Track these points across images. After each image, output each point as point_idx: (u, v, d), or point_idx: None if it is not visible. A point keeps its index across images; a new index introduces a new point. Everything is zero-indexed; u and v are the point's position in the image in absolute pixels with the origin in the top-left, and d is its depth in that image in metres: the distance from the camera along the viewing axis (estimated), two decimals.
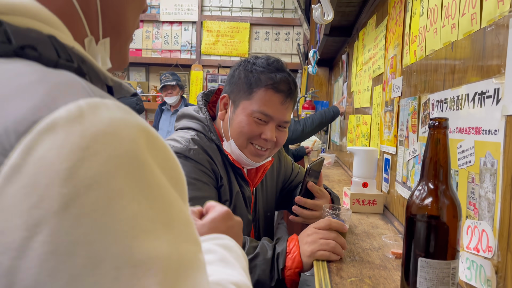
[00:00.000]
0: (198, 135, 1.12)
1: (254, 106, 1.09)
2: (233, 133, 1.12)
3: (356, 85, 2.41)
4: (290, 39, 4.58)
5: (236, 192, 1.15)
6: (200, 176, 1.06)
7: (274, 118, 1.10)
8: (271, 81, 1.09)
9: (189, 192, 1.05)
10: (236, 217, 0.70)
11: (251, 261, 0.97)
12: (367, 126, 1.99)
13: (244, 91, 1.10)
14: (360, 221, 1.42)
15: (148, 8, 4.67)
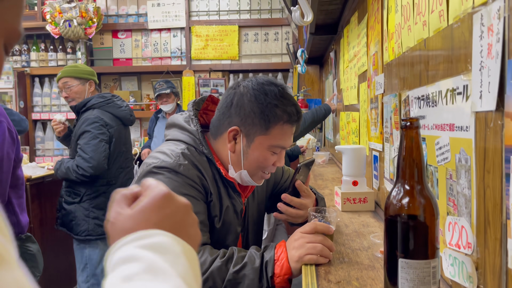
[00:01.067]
0: (189, 149, 1.12)
1: (271, 141, 1.10)
2: (249, 166, 1.13)
3: (344, 82, 2.41)
4: (279, 39, 4.58)
5: (226, 207, 1.15)
6: (190, 191, 1.06)
7: (286, 148, 1.16)
8: (287, 116, 1.10)
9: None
10: (181, 198, 0.52)
11: (239, 271, 0.97)
12: (356, 123, 1.99)
13: (260, 125, 1.09)
14: (351, 220, 1.42)
15: (136, 17, 4.69)
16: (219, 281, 0.96)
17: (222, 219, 1.14)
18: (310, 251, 0.98)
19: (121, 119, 2.56)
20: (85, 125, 2.39)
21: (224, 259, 0.98)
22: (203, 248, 1.00)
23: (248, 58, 4.61)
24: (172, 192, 0.51)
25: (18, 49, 4.66)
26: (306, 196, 1.21)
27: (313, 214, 1.04)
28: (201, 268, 0.96)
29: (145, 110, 4.66)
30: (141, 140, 4.75)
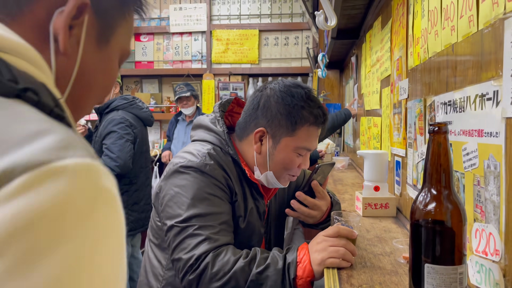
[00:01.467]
0: (215, 149, 1.13)
1: (298, 142, 1.11)
2: (275, 167, 1.14)
3: (366, 87, 2.40)
4: (299, 43, 4.59)
5: (251, 208, 1.16)
6: (215, 191, 1.07)
7: (311, 150, 1.16)
8: (314, 118, 1.11)
9: (204, 208, 1.03)
10: None
11: (262, 272, 0.98)
12: (378, 128, 1.98)
13: (287, 127, 1.10)
14: (372, 226, 1.42)
15: (158, 20, 4.76)
16: (242, 282, 0.97)
17: (247, 219, 1.15)
18: (333, 255, 0.98)
19: (143, 120, 2.62)
20: (111, 125, 2.44)
21: (247, 260, 0.99)
22: (226, 247, 1.01)
23: (268, 62, 4.63)
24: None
25: None
26: (321, 198, 1.22)
27: (336, 217, 1.04)
28: (224, 268, 0.97)
29: (165, 112, 4.72)
30: (161, 142, 4.81)
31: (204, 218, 1.02)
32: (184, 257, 0.99)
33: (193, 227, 1.01)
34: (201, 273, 0.97)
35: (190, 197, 1.04)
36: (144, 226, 2.69)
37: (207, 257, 0.98)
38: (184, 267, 0.99)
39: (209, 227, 1.02)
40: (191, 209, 1.02)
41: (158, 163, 4.08)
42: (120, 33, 0.48)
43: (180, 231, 1.02)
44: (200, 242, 0.99)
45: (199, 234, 1.00)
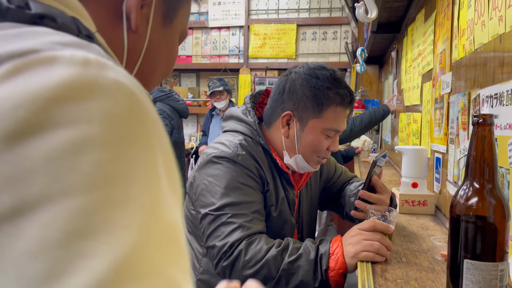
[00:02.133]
0: (246, 140, 1.14)
1: (325, 124, 1.11)
2: (303, 150, 1.14)
3: (406, 82, 2.34)
4: (337, 38, 4.52)
5: (282, 197, 1.17)
6: (247, 181, 1.08)
7: (340, 131, 1.15)
8: (340, 99, 1.11)
9: (237, 197, 1.05)
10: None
11: (294, 262, 0.98)
12: (418, 124, 1.92)
13: (313, 109, 1.11)
14: (409, 222, 1.38)
15: (197, 15, 4.83)
16: (273, 270, 0.98)
17: (279, 208, 1.15)
18: (367, 248, 0.96)
19: (179, 111, 2.69)
20: None
21: (280, 249, 0.99)
22: (259, 236, 1.02)
23: (305, 57, 4.59)
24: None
25: None
26: (383, 191, 1.17)
27: (372, 212, 1.03)
28: (257, 256, 0.98)
29: (202, 106, 4.79)
30: (198, 135, 4.89)
31: (237, 207, 1.03)
32: (218, 244, 1.01)
33: (227, 215, 1.02)
34: (234, 260, 0.99)
35: (223, 186, 1.06)
36: None
37: (241, 244, 0.99)
38: (218, 254, 1.01)
39: (242, 215, 1.03)
40: (224, 198, 1.04)
41: (194, 156, 4.16)
42: (181, 14, 0.51)
43: (214, 219, 1.04)
44: (234, 230, 1.00)
45: (232, 222, 1.02)
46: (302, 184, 1.27)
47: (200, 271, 1.17)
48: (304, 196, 1.30)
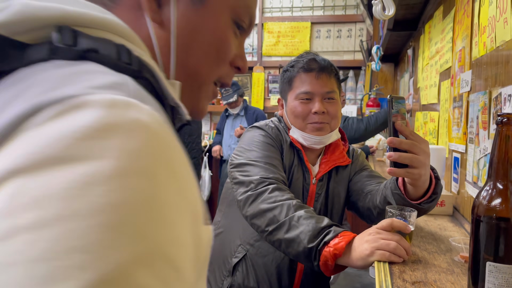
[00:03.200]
0: (275, 122, 1.33)
1: (295, 91, 1.25)
2: (291, 120, 1.27)
3: (423, 81, 2.30)
4: (352, 36, 4.48)
5: (297, 178, 1.26)
6: (271, 142, 1.24)
7: (315, 93, 1.23)
8: (300, 66, 1.25)
9: (261, 150, 1.21)
10: None
11: (303, 219, 0.99)
12: (435, 123, 1.89)
13: (287, 86, 1.28)
14: (426, 223, 1.36)
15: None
16: (283, 214, 1.02)
17: (291, 185, 1.25)
18: (383, 247, 0.94)
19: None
20: None
21: (300, 204, 1.05)
22: (288, 190, 1.11)
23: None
24: None
25: None
26: (416, 139, 0.96)
27: (390, 211, 1.01)
28: (278, 197, 1.06)
29: (216, 104, 4.80)
30: (211, 133, 4.91)
31: (263, 158, 1.18)
32: (246, 179, 1.13)
33: (251, 159, 1.18)
34: (260, 193, 1.08)
35: (251, 145, 1.22)
36: None
37: (271, 184, 1.10)
38: (249, 184, 1.12)
39: (267, 163, 1.17)
40: (252, 152, 1.20)
41: (207, 154, 4.17)
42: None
43: (239, 164, 1.19)
44: (259, 171, 1.13)
45: (256, 164, 1.16)
46: (321, 172, 1.28)
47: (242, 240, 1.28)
48: (324, 189, 1.30)
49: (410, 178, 0.98)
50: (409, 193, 1.04)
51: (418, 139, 0.96)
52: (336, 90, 1.27)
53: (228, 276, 1.28)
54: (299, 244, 0.98)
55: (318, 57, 1.27)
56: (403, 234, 0.97)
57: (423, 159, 0.95)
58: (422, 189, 1.02)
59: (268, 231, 1.04)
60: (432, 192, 1.04)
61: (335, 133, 1.29)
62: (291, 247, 1.00)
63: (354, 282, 3.51)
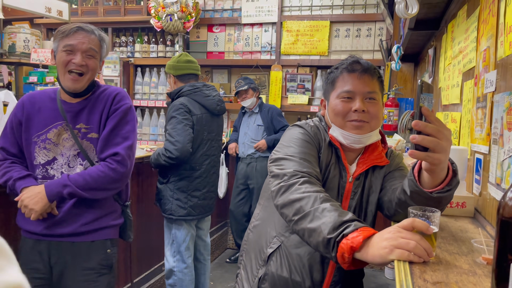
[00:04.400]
0: (315, 121, 1.40)
1: (337, 91, 1.30)
2: (332, 118, 1.32)
3: (444, 81, 2.27)
4: (372, 35, 4.44)
5: (333, 176, 1.31)
6: (309, 140, 1.30)
7: (355, 92, 1.26)
8: (343, 68, 1.30)
9: (298, 147, 1.28)
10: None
11: (327, 211, 1.02)
12: (456, 124, 1.87)
13: (330, 86, 1.34)
14: (447, 224, 1.35)
15: (231, 11, 4.85)
16: (309, 205, 1.06)
17: (327, 182, 1.29)
18: (402, 246, 0.92)
19: (207, 107, 2.66)
20: (172, 111, 2.56)
21: (328, 197, 1.08)
22: (320, 185, 1.17)
23: (338, 54, 4.54)
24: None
25: (125, 40, 5.09)
26: (440, 125, 0.97)
27: (412, 211, 1.00)
28: (308, 189, 1.10)
29: (233, 102, 4.82)
30: (228, 131, 4.93)
31: (299, 153, 1.23)
32: (280, 172, 1.19)
33: (288, 154, 1.24)
34: (292, 184, 1.13)
35: (289, 142, 1.28)
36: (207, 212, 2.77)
37: (303, 176, 1.14)
38: (283, 176, 1.17)
39: (302, 158, 1.22)
40: (290, 148, 1.26)
41: (224, 151, 4.20)
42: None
43: (276, 159, 1.25)
44: (293, 165, 1.19)
45: (292, 159, 1.21)
46: (358, 170, 1.32)
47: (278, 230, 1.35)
48: (360, 188, 1.34)
49: (430, 162, 1.00)
50: (425, 181, 1.07)
51: (442, 125, 0.98)
52: (378, 91, 1.29)
53: (263, 265, 1.36)
54: (319, 234, 1.00)
55: (362, 60, 1.32)
56: (426, 236, 0.96)
57: (445, 145, 0.97)
58: (438, 178, 1.04)
59: (294, 220, 1.08)
60: (446, 184, 1.05)
61: (375, 134, 1.31)
62: (312, 237, 1.03)
63: (369, 282, 3.48)
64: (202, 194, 2.68)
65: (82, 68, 1.69)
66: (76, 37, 1.69)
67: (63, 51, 1.69)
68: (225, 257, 4.33)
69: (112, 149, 1.72)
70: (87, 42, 1.70)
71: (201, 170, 2.66)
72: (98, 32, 1.77)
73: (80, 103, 1.77)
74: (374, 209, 1.36)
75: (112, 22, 5.02)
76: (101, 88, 1.82)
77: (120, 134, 1.74)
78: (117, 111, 1.75)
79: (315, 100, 4.57)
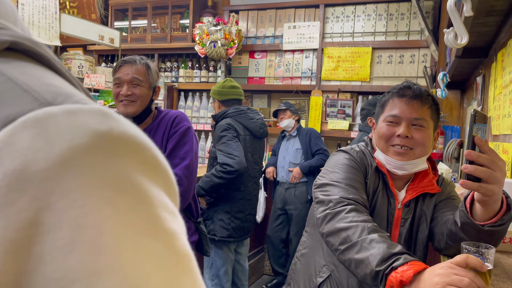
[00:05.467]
0: (360, 146, 1.40)
1: (385, 114, 1.32)
2: (377, 141, 1.34)
3: (495, 110, 2.20)
4: (415, 61, 4.39)
5: (380, 203, 1.28)
6: (355, 165, 1.29)
7: (402, 117, 1.26)
8: (395, 92, 1.31)
9: (343, 172, 1.27)
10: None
11: (375, 242, 1.00)
12: (508, 155, 1.80)
13: (380, 110, 1.36)
14: (499, 260, 1.29)
15: (272, 38, 4.96)
16: (356, 235, 1.03)
17: (375, 210, 1.27)
18: (455, 283, 0.89)
19: (250, 130, 2.71)
20: (220, 131, 2.61)
21: (376, 227, 1.05)
22: (367, 213, 1.14)
23: (380, 80, 4.51)
24: None
25: (170, 66, 5.31)
26: (493, 155, 0.97)
27: (466, 247, 0.97)
28: (355, 218, 1.08)
29: (272, 126, 4.87)
30: (266, 154, 4.96)
31: (345, 179, 1.23)
32: (326, 198, 1.18)
33: (333, 180, 1.23)
34: (338, 212, 1.12)
35: (334, 168, 1.28)
36: (246, 235, 2.77)
37: (350, 204, 1.13)
38: (329, 203, 1.16)
39: (348, 184, 1.21)
40: (335, 174, 1.26)
41: (263, 175, 4.22)
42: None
43: (321, 185, 1.25)
44: (339, 191, 1.18)
45: (338, 185, 1.20)
46: (408, 197, 1.30)
47: (326, 258, 1.34)
48: (411, 216, 1.31)
49: (482, 193, 0.98)
50: (477, 213, 1.05)
51: (496, 156, 0.97)
52: (428, 119, 1.27)
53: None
54: (367, 266, 0.98)
55: (415, 85, 1.32)
56: (480, 273, 0.93)
57: (499, 176, 0.95)
58: (491, 211, 1.02)
59: (340, 250, 1.06)
60: (500, 217, 1.03)
61: (421, 162, 1.28)
62: (359, 268, 1.01)
63: None
64: (244, 216, 2.70)
65: (130, 97, 1.82)
66: (121, 70, 1.87)
67: (114, 85, 1.89)
68: (262, 283, 4.29)
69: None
70: (131, 73, 1.86)
71: (245, 192, 2.68)
72: (143, 61, 1.92)
73: (144, 130, 1.88)
74: (426, 239, 1.32)
75: (159, 48, 5.26)
76: (163, 113, 1.94)
77: (178, 155, 1.84)
78: (176, 134, 1.86)
79: (356, 125, 4.53)
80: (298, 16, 4.88)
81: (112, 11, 5.57)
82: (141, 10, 5.55)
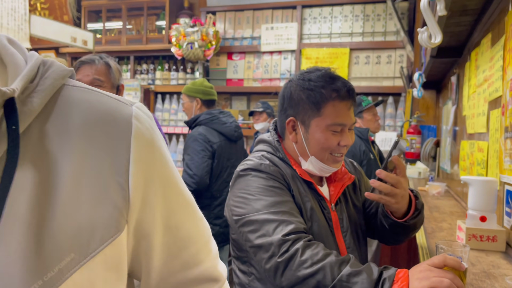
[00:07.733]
0: (268, 153, 1.23)
1: (327, 120, 1.15)
2: (313, 150, 1.18)
3: (469, 109, 2.23)
4: (392, 62, 4.44)
5: (311, 207, 1.16)
6: (275, 184, 1.13)
7: (346, 125, 1.16)
8: (335, 93, 1.14)
9: (269, 198, 1.09)
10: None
11: (353, 276, 0.93)
12: (483, 153, 1.81)
13: (312, 109, 1.16)
14: (478, 259, 1.29)
15: (250, 40, 4.94)
16: (329, 278, 0.94)
17: (311, 221, 1.15)
18: (436, 285, 0.89)
19: (225, 134, 2.63)
20: (190, 141, 2.53)
21: (339, 259, 0.98)
22: (317, 242, 1.02)
23: (358, 80, 4.53)
24: None
25: (146, 68, 5.22)
26: (404, 175, 1.15)
27: (441, 247, 0.96)
28: (314, 258, 0.97)
29: (252, 129, 4.83)
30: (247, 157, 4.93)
31: (272, 207, 1.07)
32: (264, 242, 1.02)
33: (264, 215, 1.05)
34: (290, 258, 0.98)
35: (253, 193, 1.11)
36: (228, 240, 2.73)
37: (298, 244, 0.99)
38: (269, 249, 1.01)
39: (280, 213, 1.05)
40: (258, 202, 1.08)
41: None
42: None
43: (252, 222, 1.07)
44: (277, 226, 1.02)
45: (273, 220, 1.04)
46: (334, 195, 1.24)
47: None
48: (345, 212, 1.25)
49: (384, 203, 1.15)
50: (394, 212, 1.19)
51: (404, 175, 1.15)
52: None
53: None
54: None
55: (348, 82, 1.18)
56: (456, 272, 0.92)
57: (399, 192, 1.11)
58: (403, 207, 1.16)
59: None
60: (414, 209, 1.18)
61: None
62: None
63: None
64: (224, 221, 2.64)
65: None
66: (81, 72, 1.76)
67: None
68: None
69: None
70: (91, 74, 1.76)
71: (221, 198, 2.63)
72: (102, 60, 1.80)
73: None
74: (363, 226, 1.31)
75: (134, 50, 5.17)
76: None
77: None
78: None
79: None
80: (276, 17, 4.87)
81: (85, 12, 5.45)
82: (116, 12, 5.44)
